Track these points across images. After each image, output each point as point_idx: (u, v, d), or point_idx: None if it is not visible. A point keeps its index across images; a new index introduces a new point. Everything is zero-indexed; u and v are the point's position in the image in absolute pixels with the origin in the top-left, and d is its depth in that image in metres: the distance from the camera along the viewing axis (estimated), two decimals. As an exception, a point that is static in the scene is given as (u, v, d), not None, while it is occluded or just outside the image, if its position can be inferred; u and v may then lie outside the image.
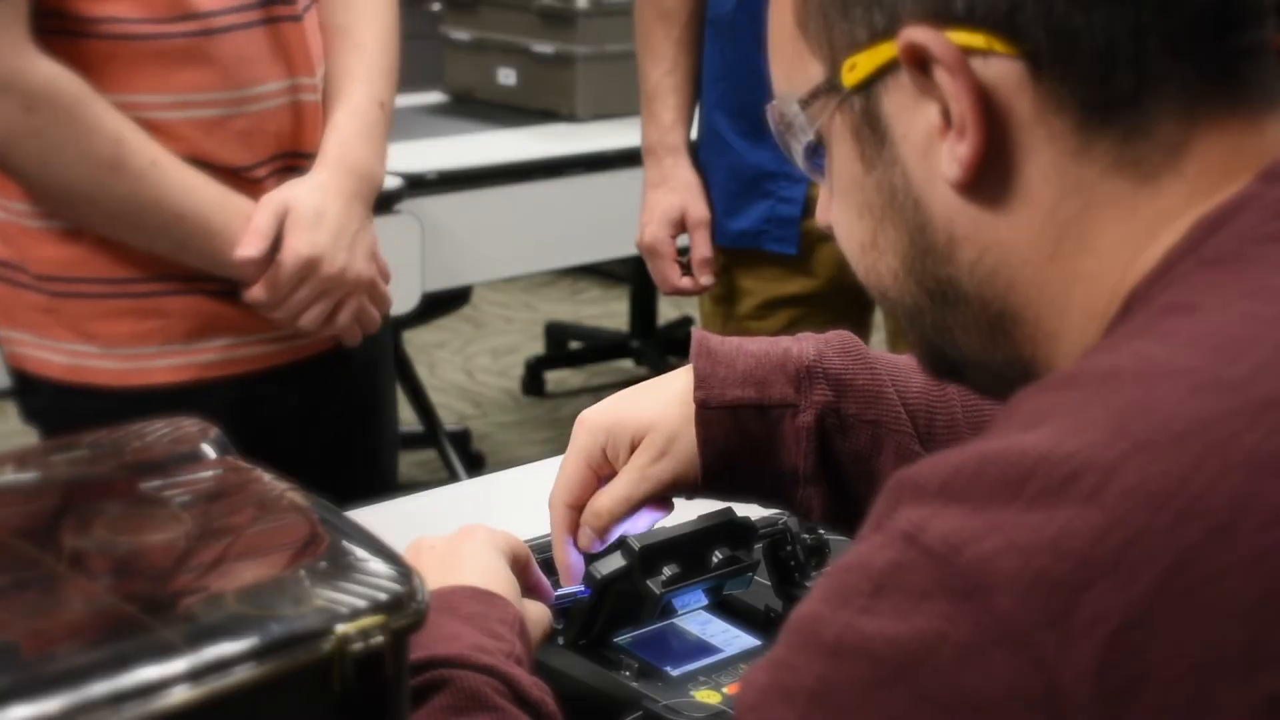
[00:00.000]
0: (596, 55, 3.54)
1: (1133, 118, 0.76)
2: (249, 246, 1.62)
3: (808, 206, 2.14)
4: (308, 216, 1.65)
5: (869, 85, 0.80)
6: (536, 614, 1.12)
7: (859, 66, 0.80)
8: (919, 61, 0.77)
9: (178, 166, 1.61)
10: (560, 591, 1.18)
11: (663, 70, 2.21)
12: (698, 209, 2.18)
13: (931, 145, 0.79)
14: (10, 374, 1.75)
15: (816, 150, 0.86)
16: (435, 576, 1.05)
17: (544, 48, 3.58)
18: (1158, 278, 0.76)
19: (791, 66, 0.85)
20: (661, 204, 2.19)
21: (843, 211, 0.86)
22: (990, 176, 0.78)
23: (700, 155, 2.22)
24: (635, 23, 2.25)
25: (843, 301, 2.22)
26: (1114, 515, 0.65)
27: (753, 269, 2.21)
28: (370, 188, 1.72)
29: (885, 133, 0.81)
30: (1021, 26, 0.75)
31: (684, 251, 2.23)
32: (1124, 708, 0.64)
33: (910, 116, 0.79)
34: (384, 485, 1.88)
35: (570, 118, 3.55)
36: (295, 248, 1.64)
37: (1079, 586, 0.64)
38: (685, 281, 2.21)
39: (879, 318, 2.30)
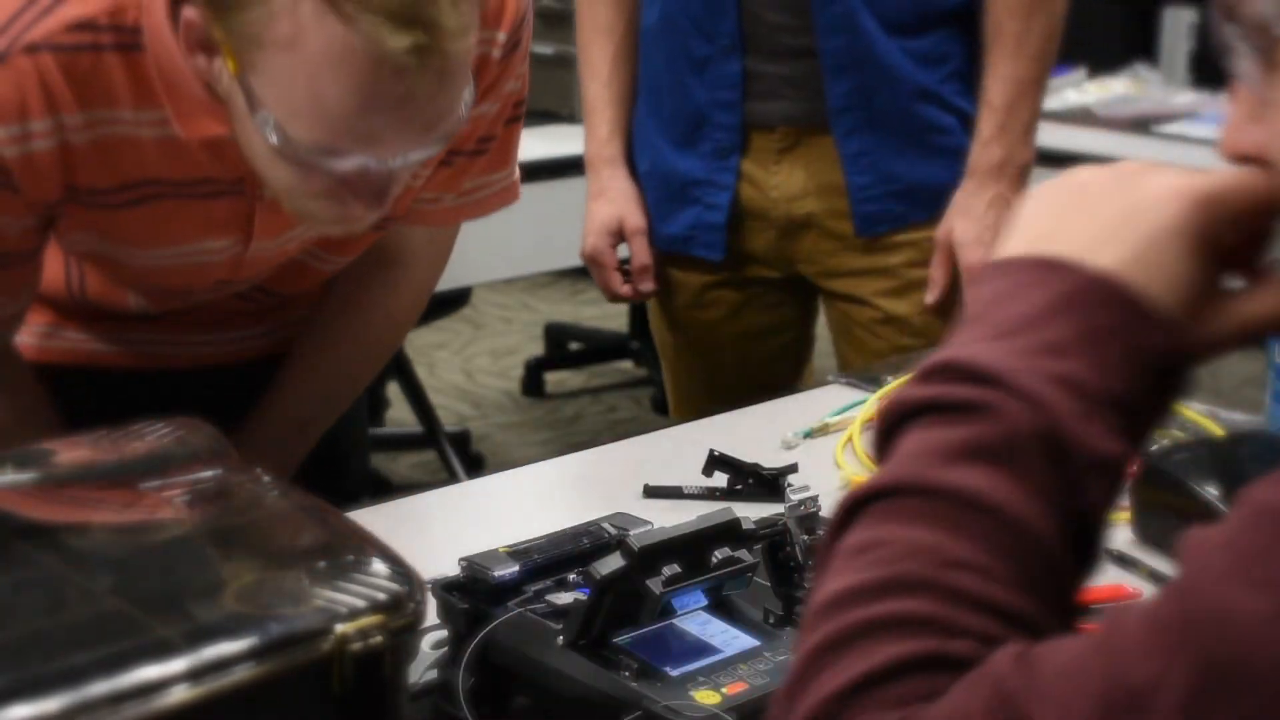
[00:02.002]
0: (596, 56, 3.54)
1: None
2: None
3: (732, 214, 2.17)
4: None
5: None
6: None
7: None
8: None
9: None
10: None
11: (599, 84, 2.26)
12: (634, 218, 2.23)
13: None
14: None
15: (1273, 61, 0.76)
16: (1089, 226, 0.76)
17: (544, 48, 3.58)
18: None
19: None
20: (600, 215, 2.24)
21: None
22: None
23: (635, 163, 2.25)
24: (576, 37, 2.28)
25: (788, 285, 2.23)
26: None
27: (685, 270, 2.25)
28: (304, 438, 1.67)
29: None
30: None
31: (627, 260, 2.26)
32: None
33: None
34: (358, 489, 1.85)
35: (570, 118, 3.55)
36: None
37: None
38: (626, 289, 2.25)
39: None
